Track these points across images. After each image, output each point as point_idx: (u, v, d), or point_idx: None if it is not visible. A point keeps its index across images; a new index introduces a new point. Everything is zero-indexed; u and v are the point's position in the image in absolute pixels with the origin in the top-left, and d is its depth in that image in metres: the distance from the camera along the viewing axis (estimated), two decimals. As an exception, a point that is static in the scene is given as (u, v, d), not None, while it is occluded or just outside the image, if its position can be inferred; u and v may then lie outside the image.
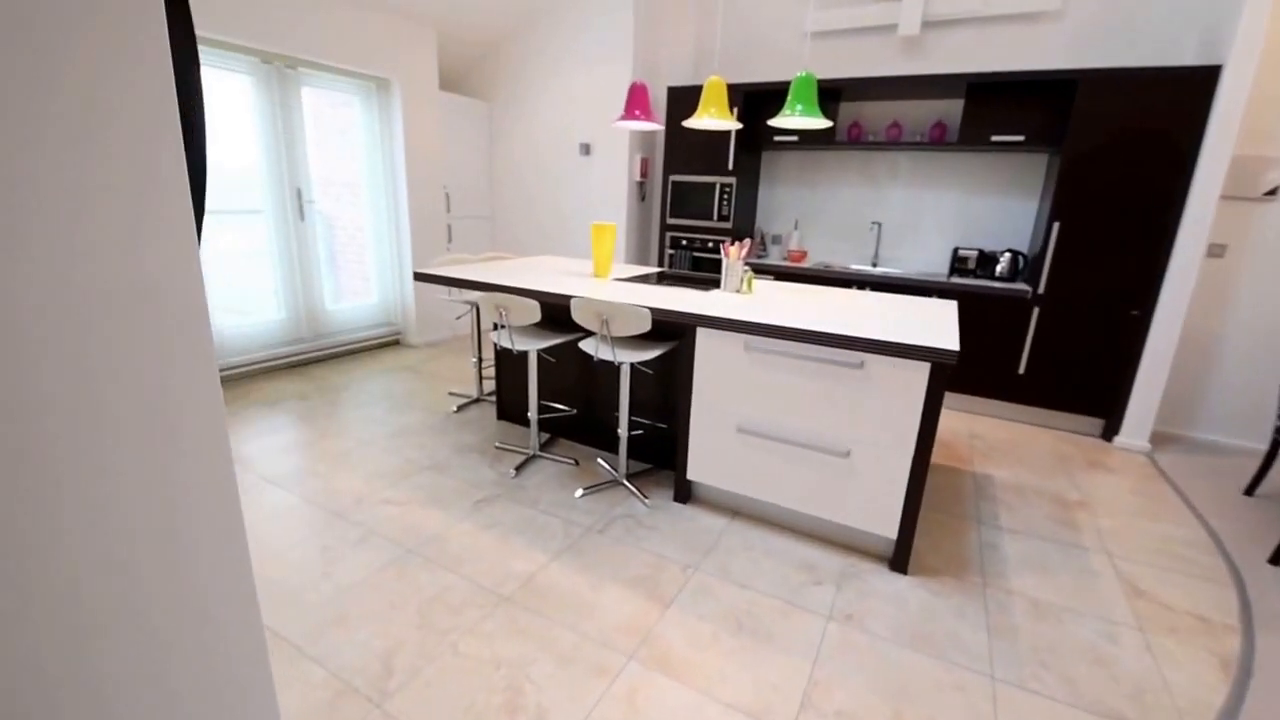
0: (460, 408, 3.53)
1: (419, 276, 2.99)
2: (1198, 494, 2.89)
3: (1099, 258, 3.27)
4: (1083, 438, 3.54)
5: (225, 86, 3.46)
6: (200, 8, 3.07)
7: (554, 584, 2.06)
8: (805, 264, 4.18)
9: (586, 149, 4.59)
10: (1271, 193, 3.17)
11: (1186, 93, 2.98)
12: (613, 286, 2.76)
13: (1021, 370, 3.57)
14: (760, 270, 4.13)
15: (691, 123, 2.75)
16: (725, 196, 4.15)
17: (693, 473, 2.52)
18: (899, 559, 2.19)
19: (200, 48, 3.21)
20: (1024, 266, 3.73)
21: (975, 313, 3.59)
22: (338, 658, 1.72)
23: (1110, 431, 3.45)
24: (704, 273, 3.77)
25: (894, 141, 3.88)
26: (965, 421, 3.73)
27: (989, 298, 3.55)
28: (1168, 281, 3.13)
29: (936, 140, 3.81)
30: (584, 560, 2.19)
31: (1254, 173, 3.16)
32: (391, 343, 4.81)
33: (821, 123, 2.55)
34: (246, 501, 2.44)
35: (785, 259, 4.34)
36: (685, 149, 4.29)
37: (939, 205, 4.06)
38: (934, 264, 4.13)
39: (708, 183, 4.19)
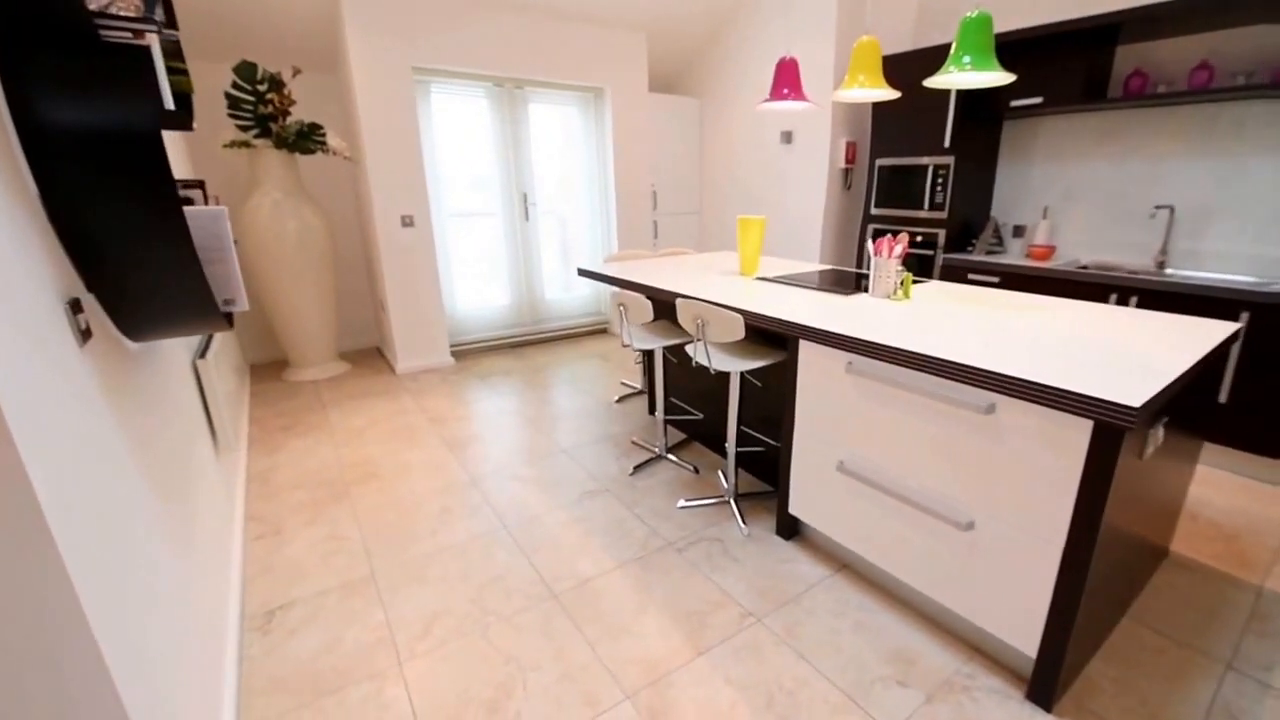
0: (621, 398, 3.63)
1: (581, 273, 3.15)
2: None
3: None
4: None
5: (466, 110, 4.11)
6: (446, 46, 3.71)
7: (604, 593, 1.99)
8: (1051, 263, 3.14)
9: (788, 137, 4.20)
10: None
11: None
12: (747, 286, 2.50)
13: None
14: (984, 270, 3.26)
15: (839, 96, 2.30)
16: (940, 180, 3.36)
17: (795, 507, 2.16)
18: (1041, 688, 1.54)
19: (444, 80, 3.91)
20: None
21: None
22: (398, 609, 1.94)
23: None
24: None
25: (1201, 89, 2.64)
26: (1287, 507, 2.41)
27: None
28: None
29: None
30: (646, 577, 2.07)
31: None
32: (599, 330, 5.18)
33: (998, 78, 1.87)
34: (420, 458, 2.92)
35: (1027, 256, 3.34)
36: (894, 127, 3.62)
37: (1275, 178, 2.66)
38: (1267, 264, 2.75)
39: (918, 165, 3.45)
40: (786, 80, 2.49)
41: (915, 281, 2.49)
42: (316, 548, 2.26)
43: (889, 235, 2.22)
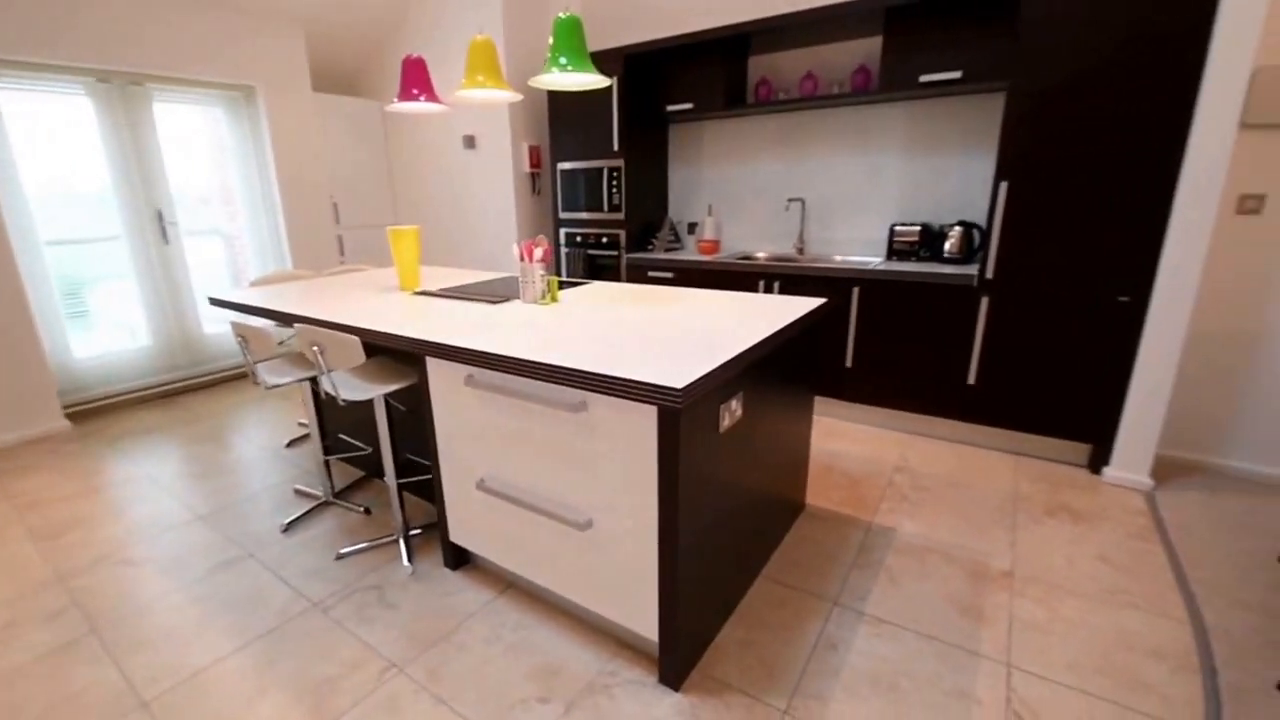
0: (291, 442, 3.28)
1: (213, 301, 2.75)
2: (1204, 561, 2.11)
3: (1069, 225, 2.51)
4: (1061, 468, 2.76)
5: (56, 112, 3.40)
6: (10, 30, 3.00)
7: (215, 685, 1.72)
8: (719, 256, 3.60)
9: (470, 141, 4.24)
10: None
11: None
12: (399, 302, 2.39)
13: (971, 380, 2.83)
14: (659, 267, 3.62)
15: (458, 96, 2.32)
16: (614, 182, 3.65)
17: (455, 534, 2.10)
18: (668, 668, 1.66)
19: (15, 75, 3.18)
20: (979, 243, 2.98)
21: (916, 307, 2.90)
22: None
23: (1099, 461, 2.66)
24: (577, 278, 3.28)
25: (809, 97, 3.25)
26: (899, 447, 3.04)
27: (929, 286, 2.85)
28: (1168, 251, 2.34)
29: (859, 90, 3.13)
30: (276, 652, 1.83)
31: (1291, 91, 2.31)
32: (290, 366, 4.67)
33: (593, 80, 2.05)
34: (-17, 564, 2.28)
35: (699, 251, 3.77)
36: (569, 131, 3.87)
37: (874, 172, 3.40)
38: (877, 245, 3.47)
39: (595, 168, 3.72)
40: (414, 80, 2.44)
41: (567, 284, 2.62)
42: None
43: (531, 239, 2.29)
